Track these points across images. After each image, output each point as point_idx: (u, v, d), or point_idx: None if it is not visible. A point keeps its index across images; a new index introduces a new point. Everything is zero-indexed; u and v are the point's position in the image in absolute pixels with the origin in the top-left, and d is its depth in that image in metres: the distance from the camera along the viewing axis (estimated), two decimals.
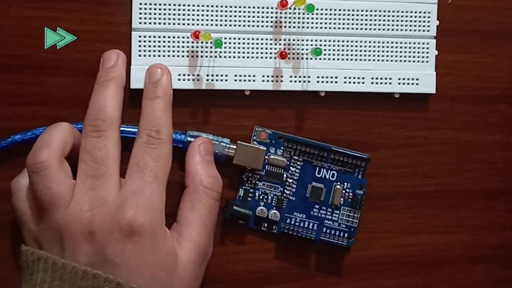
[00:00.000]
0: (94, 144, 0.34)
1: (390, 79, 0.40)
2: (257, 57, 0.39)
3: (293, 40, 0.39)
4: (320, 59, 0.39)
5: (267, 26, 0.39)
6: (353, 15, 0.40)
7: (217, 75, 0.38)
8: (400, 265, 0.42)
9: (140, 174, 0.34)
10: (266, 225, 0.40)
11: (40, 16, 0.37)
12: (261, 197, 0.40)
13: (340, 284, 0.42)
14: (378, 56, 0.40)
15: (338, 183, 0.40)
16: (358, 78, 0.40)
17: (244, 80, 0.39)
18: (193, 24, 0.38)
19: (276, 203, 0.40)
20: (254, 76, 0.39)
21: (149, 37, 0.38)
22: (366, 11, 0.40)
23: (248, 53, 0.39)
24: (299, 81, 0.39)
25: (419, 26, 0.40)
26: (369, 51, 0.40)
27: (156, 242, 0.33)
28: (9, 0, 0.37)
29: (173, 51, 0.38)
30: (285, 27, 0.39)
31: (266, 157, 0.40)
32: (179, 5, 0.38)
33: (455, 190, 0.43)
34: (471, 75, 0.42)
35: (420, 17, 0.40)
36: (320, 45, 0.39)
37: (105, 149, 0.34)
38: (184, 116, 0.39)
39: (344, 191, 0.40)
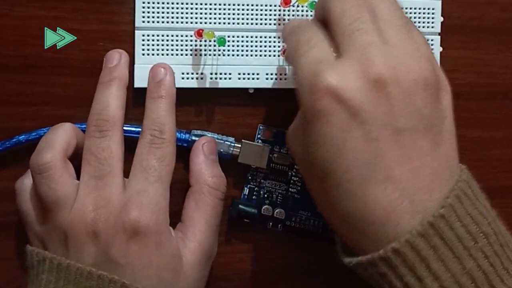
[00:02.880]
0: (97, 144, 0.34)
1: None
2: (260, 55, 0.39)
3: None
4: None
5: (270, 24, 0.39)
6: None
7: (221, 74, 0.38)
8: None
9: (144, 174, 0.34)
10: (271, 223, 0.40)
11: (44, 15, 0.37)
12: (266, 195, 0.40)
13: (347, 282, 0.42)
14: None
15: None
16: None
17: (248, 78, 0.39)
18: (196, 23, 0.38)
19: (281, 201, 0.40)
20: (258, 74, 0.39)
21: (153, 36, 0.38)
22: None
23: (251, 51, 0.39)
24: None
25: (424, 22, 0.40)
26: None
27: (161, 242, 0.33)
28: (12, 0, 0.37)
29: (177, 50, 0.38)
30: None
31: (270, 155, 0.40)
32: (182, 3, 0.38)
33: None
34: (477, 72, 0.42)
35: (424, 13, 0.40)
36: None
37: (109, 149, 0.34)
38: (188, 114, 0.39)
39: None
